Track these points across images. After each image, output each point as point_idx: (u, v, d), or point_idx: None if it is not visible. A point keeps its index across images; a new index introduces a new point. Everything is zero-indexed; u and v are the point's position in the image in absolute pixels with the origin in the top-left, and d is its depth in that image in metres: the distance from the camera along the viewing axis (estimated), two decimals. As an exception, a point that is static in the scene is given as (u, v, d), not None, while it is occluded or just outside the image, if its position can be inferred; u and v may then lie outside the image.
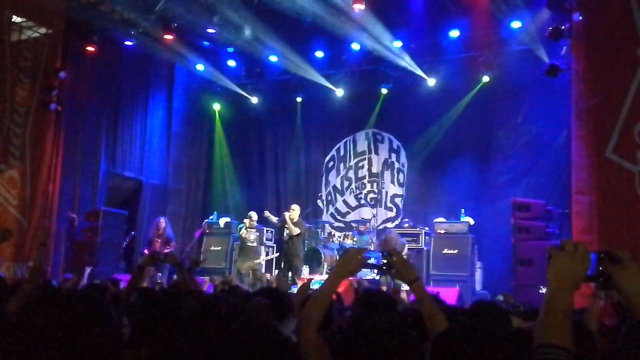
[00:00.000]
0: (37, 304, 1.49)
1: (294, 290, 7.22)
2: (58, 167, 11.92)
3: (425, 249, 11.72)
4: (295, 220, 11.51)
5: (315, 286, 9.28)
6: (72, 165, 12.23)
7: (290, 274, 11.13)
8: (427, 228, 12.02)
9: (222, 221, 13.23)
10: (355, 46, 12.87)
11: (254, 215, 12.00)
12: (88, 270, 9.49)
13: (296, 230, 11.46)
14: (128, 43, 12.89)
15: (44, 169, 11.83)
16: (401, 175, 13.84)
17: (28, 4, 12.27)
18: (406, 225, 12.37)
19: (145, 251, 11.11)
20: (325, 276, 11.66)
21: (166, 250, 11.51)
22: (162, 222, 11.76)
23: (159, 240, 11.57)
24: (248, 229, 11.86)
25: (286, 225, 11.53)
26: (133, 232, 12.48)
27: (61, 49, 12.02)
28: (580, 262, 1.57)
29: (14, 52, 12.52)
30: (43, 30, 12.49)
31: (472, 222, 11.53)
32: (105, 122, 12.94)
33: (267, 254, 12.62)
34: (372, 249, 12.05)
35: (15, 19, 12.77)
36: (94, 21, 12.32)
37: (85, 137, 12.54)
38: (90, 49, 12.33)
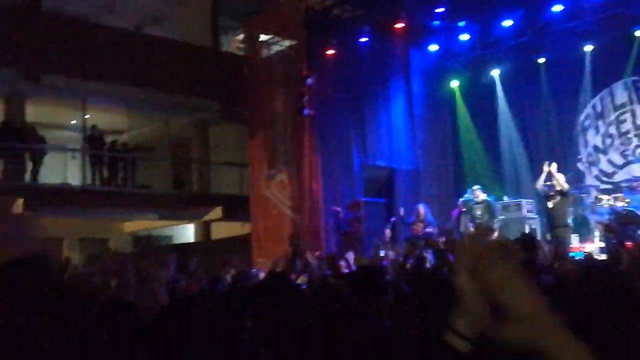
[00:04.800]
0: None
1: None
2: (318, 166, 12.92)
3: None
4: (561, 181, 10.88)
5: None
6: (329, 162, 13.12)
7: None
8: None
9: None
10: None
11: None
12: (352, 255, 10.01)
13: (566, 186, 10.81)
14: (363, 39, 13.40)
15: (306, 169, 12.93)
16: (674, 123, 12.27)
17: (272, 22, 13.48)
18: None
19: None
20: (597, 245, 10.89)
21: (427, 230, 11.82)
22: (422, 208, 12.13)
23: (421, 225, 11.91)
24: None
25: (552, 183, 10.91)
26: (394, 219, 12.96)
27: (306, 57, 12.96)
28: None
29: (266, 68, 13.90)
30: (287, 42, 13.63)
31: None
32: (352, 118, 13.63)
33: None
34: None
35: (262, 37, 14.16)
36: (330, 26, 13.07)
37: (336, 134, 13.36)
38: (330, 52, 13.11)
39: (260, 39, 14.20)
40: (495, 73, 14.52)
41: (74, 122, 17.39)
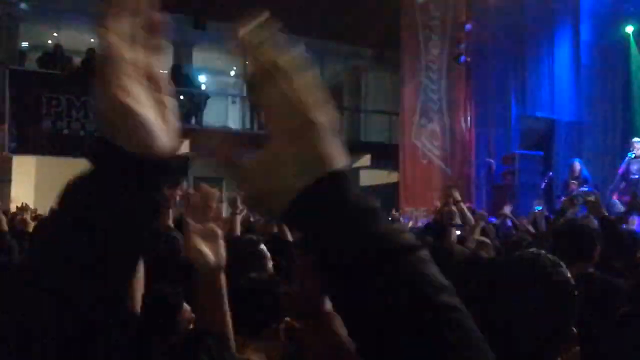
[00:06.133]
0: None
1: None
2: (472, 116, 12.51)
3: None
4: None
5: None
6: (484, 112, 12.63)
7: None
8: None
9: None
10: None
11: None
12: (508, 209, 9.65)
13: None
14: (528, -19, 12.57)
15: (459, 119, 12.58)
16: None
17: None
18: None
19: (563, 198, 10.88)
20: None
21: (583, 189, 11.07)
22: (577, 164, 11.39)
23: (576, 183, 11.19)
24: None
25: None
26: (551, 173, 12.30)
27: (465, 2, 12.43)
28: None
29: (422, 13, 13.53)
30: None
31: None
32: (511, 66, 12.94)
33: None
34: None
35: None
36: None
37: (493, 83, 12.78)
38: (495, -5, 12.46)
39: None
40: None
41: (235, 68, 18.25)
